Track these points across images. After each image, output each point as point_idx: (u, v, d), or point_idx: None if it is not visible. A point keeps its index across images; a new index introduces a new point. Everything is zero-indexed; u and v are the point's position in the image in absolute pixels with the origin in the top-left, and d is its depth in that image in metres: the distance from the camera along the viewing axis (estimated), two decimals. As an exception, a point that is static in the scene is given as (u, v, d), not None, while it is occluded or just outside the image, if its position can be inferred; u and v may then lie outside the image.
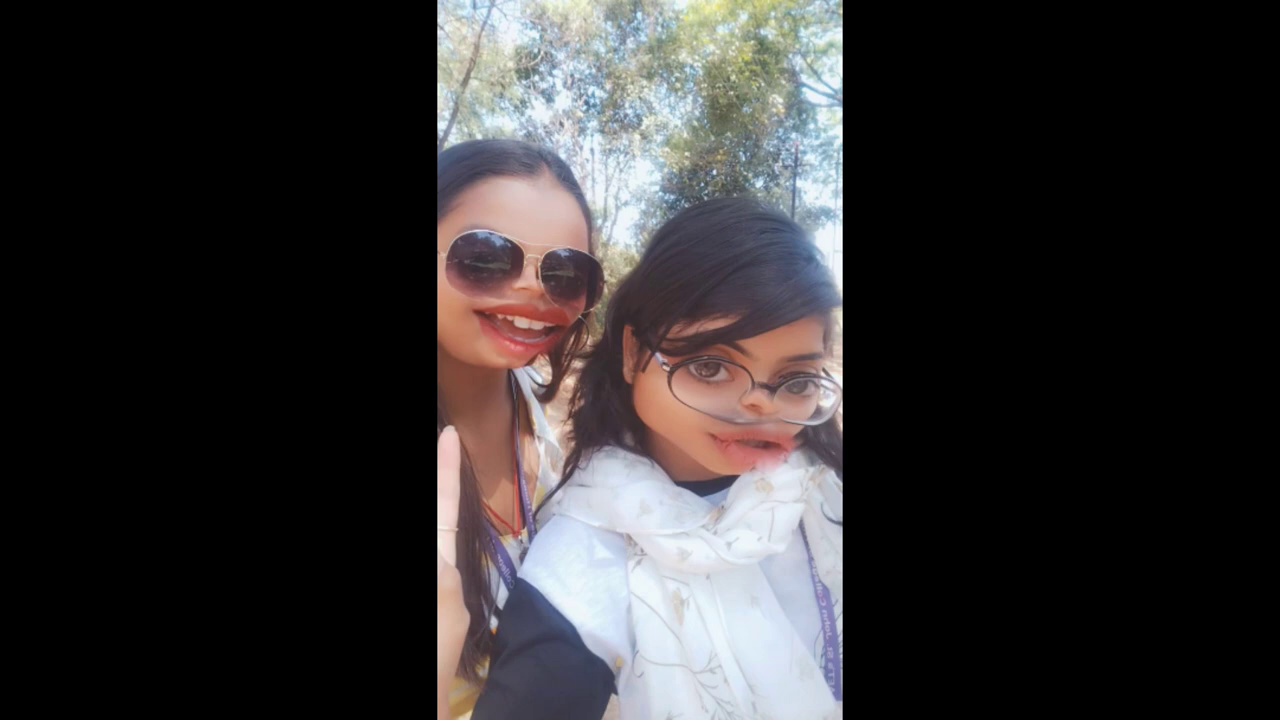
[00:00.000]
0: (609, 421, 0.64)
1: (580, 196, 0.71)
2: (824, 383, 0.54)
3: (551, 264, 0.64)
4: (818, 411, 0.55)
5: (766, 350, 0.51)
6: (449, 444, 0.50)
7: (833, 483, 0.66)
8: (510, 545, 0.74)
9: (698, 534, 0.56)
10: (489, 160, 0.64)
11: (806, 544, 0.65)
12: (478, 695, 0.59)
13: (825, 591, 0.63)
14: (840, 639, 0.60)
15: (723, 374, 0.53)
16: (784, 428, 0.54)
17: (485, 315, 0.64)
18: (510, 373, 0.88)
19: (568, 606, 0.58)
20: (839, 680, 0.59)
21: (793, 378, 0.52)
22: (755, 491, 0.57)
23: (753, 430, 0.53)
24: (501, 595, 0.68)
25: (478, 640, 0.63)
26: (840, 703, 0.57)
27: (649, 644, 0.57)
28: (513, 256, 0.62)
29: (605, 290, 0.71)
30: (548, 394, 0.90)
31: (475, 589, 0.64)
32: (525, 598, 0.60)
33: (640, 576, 0.59)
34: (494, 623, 0.65)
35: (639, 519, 0.58)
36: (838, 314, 0.55)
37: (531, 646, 0.56)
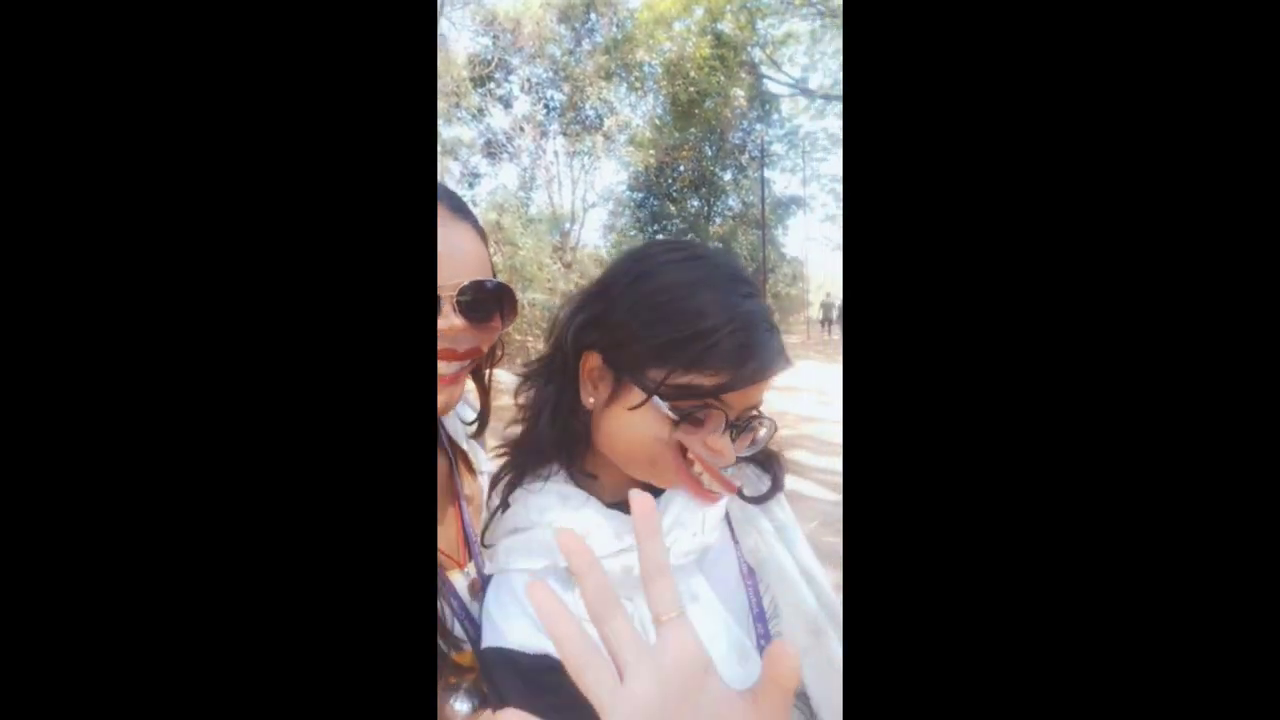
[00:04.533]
0: (567, 444, 0.65)
1: (474, 220, 0.72)
2: (760, 421, 0.65)
3: (465, 296, 0.67)
4: (754, 443, 0.65)
5: (739, 401, 0.61)
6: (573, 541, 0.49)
7: (751, 472, 0.73)
8: (458, 578, 0.75)
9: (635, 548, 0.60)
10: None
11: (731, 528, 0.70)
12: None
13: (750, 571, 0.68)
14: (766, 615, 0.67)
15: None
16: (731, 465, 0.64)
17: None
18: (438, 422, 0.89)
19: (542, 643, 0.60)
20: None
21: (747, 419, 0.63)
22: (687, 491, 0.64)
23: (712, 463, 0.61)
24: (456, 629, 0.72)
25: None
26: None
27: None
28: None
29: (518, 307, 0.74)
30: (481, 425, 0.89)
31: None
32: (500, 659, 0.61)
33: None
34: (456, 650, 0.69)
35: None
36: None
37: (531, 686, 0.59)
